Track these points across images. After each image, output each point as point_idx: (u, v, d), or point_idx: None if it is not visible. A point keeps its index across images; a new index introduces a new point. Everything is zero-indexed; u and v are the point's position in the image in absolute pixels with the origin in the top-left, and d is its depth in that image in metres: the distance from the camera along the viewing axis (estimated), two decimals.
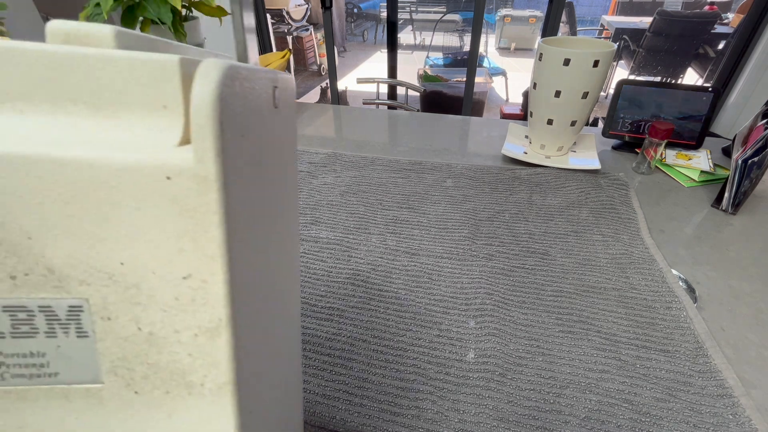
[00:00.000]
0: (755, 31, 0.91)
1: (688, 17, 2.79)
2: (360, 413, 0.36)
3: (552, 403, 0.37)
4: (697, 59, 2.88)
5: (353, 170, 0.73)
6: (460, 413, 0.36)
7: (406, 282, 0.50)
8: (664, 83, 1.09)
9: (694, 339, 0.42)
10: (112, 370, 0.15)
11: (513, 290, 0.49)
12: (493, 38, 5.02)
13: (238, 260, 0.14)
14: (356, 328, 0.44)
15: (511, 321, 0.44)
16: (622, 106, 0.79)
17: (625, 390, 0.37)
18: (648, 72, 2.95)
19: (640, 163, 0.74)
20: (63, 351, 0.14)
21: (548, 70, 0.66)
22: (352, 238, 0.57)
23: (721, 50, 2.77)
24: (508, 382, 0.38)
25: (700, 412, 0.36)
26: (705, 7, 3.55)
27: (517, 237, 0.57)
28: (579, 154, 0.76)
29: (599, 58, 0.62)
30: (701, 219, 0.62)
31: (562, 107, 0.68)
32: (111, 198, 0.12)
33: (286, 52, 1.10)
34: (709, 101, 0.74)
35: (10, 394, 0.15)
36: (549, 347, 0.42)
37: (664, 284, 0.49)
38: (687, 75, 3.02)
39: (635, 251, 0.54)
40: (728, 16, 3.55)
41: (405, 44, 5.00)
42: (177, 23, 0.78)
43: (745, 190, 0.61)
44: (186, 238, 0.13)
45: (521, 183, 0.70)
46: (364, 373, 0.39)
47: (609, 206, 0.63)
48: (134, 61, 0.13)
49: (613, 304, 0.47)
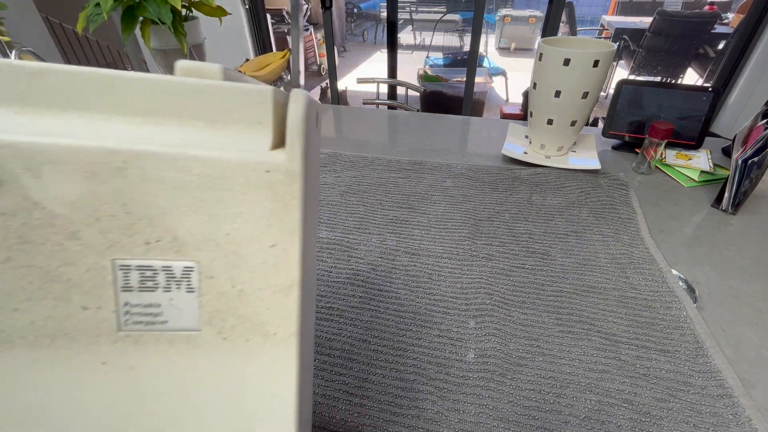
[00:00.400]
0: (755, 31, 0.91)
1: (688, 17, 2.79)
2: (360, 413, 0.36)
3: (552, 403, 0.37)
4: (697, 59, 2.88)
5: (353, 170, 0.73)
6: (460, 413, 0.36)
7: (406, 282, 0.50)
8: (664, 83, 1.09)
9: (694, 339, 0.42)
10: (208, 320, 0.18)
11: (513, 290, 0.49)
12: (493, 38, 5.02)
13: (306, 235, 0.18)
14: (356, 328, 0.44)
15: (511, 321, 0.44)
16: (622, 106, 0.79)
17: (625, 390, 0.37)
18: (648, 72, 2.95)
19: (640, 163, 0.74)
20: (174, 303, 0.18)
21: (548, 70, 0.66)
22: (352, 238, 0.57)
23: (721, 50, 2.77)
24: (508, 382, 0.38)
25: (700, 412, 0.36)
26: (705, 7, 3.55)
27: (517, 237, 0.57)
28: (579, 154, 0.76)
29: (599, 58, 0.62)
30: (701, 219, 0.62)
31: (562, 107, 0.68)
32: (225, 185, 0.17)
33: (286, 52, 1.10)
34: (709, 101, 0.74)
35: (128, 338, 0.18)
36: (549, 347, 0.42)
37: (664, 284, 0.49)
38: (687, 75, 3.02)
39: (635, 251, 0.54)
40: (728, 16, 3.55)
41: (405, 44, 5.00)
42: (177, 23, 0.78)
43: (745, 190, 0.61)
44: (274, 217, 0.17)
45: (521, 183, 0.70)
46: (364, 373, 0.39)
47: (609, 206, 0.63)
48: (240, 90, 0.17)
49: (613, 304, 0.47)
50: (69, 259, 0.17)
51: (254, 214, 0.17)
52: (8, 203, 0.16)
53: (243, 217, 0.17)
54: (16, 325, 0.17)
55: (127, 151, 0.16)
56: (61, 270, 0.17)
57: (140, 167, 0.16)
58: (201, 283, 0.18)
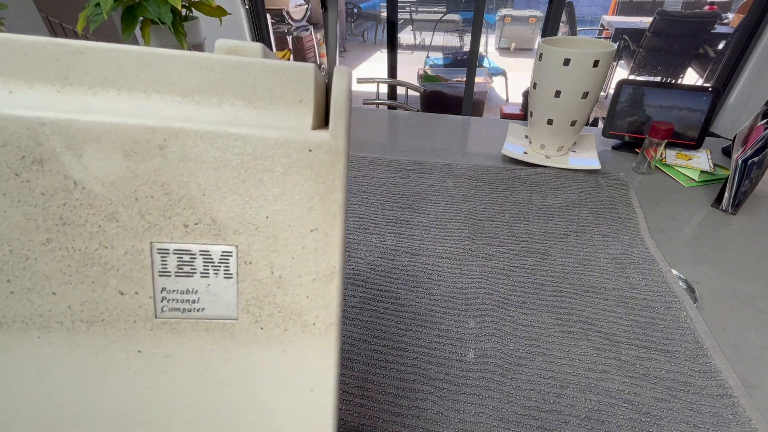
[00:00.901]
0: (755, 31, 0.91)
1: (688, 17, 2.79)
2: (360, 413, 0.36)
3: (552, 403, 0.37)
4: (697, 59, 2.88)
5: (353, 170, 0.73)
6: (460, 413, 0.36)
7: (406, 282, 0.50)
8: (664, 83, 1.09)
9: (694, 339, 0.42)
10: (245, 307, 0.18)
11: (513, 290, 0.49)
12: (493, 38, 5.01)
13: (345, 219, 0.18)
14: (356, 328, 0.44)
15: (511, 321, 0.44)
16: (622, 106, 0.79)
17: (625, 390, 0.37)
18: (648, 72, 2.95)
19: (640, 163, 0.74)
20: (211, 289, 0.17)
21: (548, 70, 0.66)
22: (352, 238, 0.57)
23: (721, 50, 2.77)
24: (508, 382, 0.38)
25: (700, 412, 0.36)
26: (705, 7, 3.55)
27: (517, 237, 0.57)
28: (579, 154, 0.76)
29: (599, 58, 0.62)
30: (701, 219, 0.62)
31: (562, 107, 0.68)
32: (266, 165, 0.16)
33: (286, 52, 1.10)
34: (709, 101, 0.74)
35: (165, 325, 0.18)
36: (549, 347, 0.42)
37: (664, 284, 0.49)
38: (687, 75, 3.02)
39: (635, 251, 0.54)
40: (728, 16, 3.55)
41: (405, 44, 5.00)
42: (177, 23, 0.78)
43: (745, 190, 0.61)
44: (316, 199, 0.17)
45: (521, 183, 0.70)
46: (365, 373, 0.39)
47: (609, 206, 0.63)
48: (281, 67, 0.16)
49: (613, 304, 0.47)
50: (107, 241, 0.16)
51: (295, 195, 0.17)
52: (49, 183, 0.16)
53: (284, 199, 0.17)
54: (54, 309, 0.17)
55: (167, 129, 0.16)
56: (99, 253, 0.17)
57: (180, 146, 0.16)
58: (239, 268, 0.17)
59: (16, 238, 0.16)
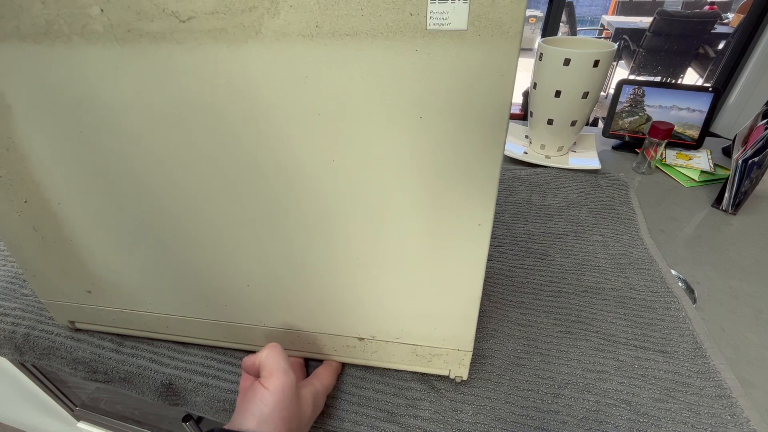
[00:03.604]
0: (755, 31, 0.90)
1: (688, 17, 2.79)
2: (358, 413, 0.36)
3: (550, 403, 0.36)
4: (697, 59, 2.88)
5: None
6: (458, 413, 0.36)
7: None
8: (664, 83, 1.09)
9: (693, 339, 0.42)
10: (472, 21, 0.21)
11: (512, 290, 0.48)
12: None
13: None
14: None
15: (510, 321, 0.44)
16: (622, 106, 0.79)
17: (623, 390, 0.37)
18: (648, 72, 2.95)
19: (640, 163, 0.74)
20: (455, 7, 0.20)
21: (548, 70, 0.66)
22: None
23: (721, 50, 2.77)
24: (506, 382, 0.38)
25: (698, 412, 0.35)
26: (705, 7, 3.55)
27: (516, 237, 0.57)
28: (579, 154, 0.76)
29: (599, 58, 0.62)
30: (701, 219, 0.62)
31: (562, 107, 0.68)
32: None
33: None
34: (709, 101, 0.73)
35: (429, 34, 0.21)
36: (547, 347, 0.41)
37: (663, 285, 0.48)
38: (687, 75, 3.02)
39: (635, 252, 0.54)
40: (728, 16, 3.55)
41: None
42: None
43: (746, 190, 0.61)
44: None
45: (521, 183, 0.70)
46: (363, 372, 0.39)
47: (609, 206, 0.63)
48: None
49: (612, 304, 0.46)
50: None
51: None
52: None
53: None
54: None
55: None
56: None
57: None
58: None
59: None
